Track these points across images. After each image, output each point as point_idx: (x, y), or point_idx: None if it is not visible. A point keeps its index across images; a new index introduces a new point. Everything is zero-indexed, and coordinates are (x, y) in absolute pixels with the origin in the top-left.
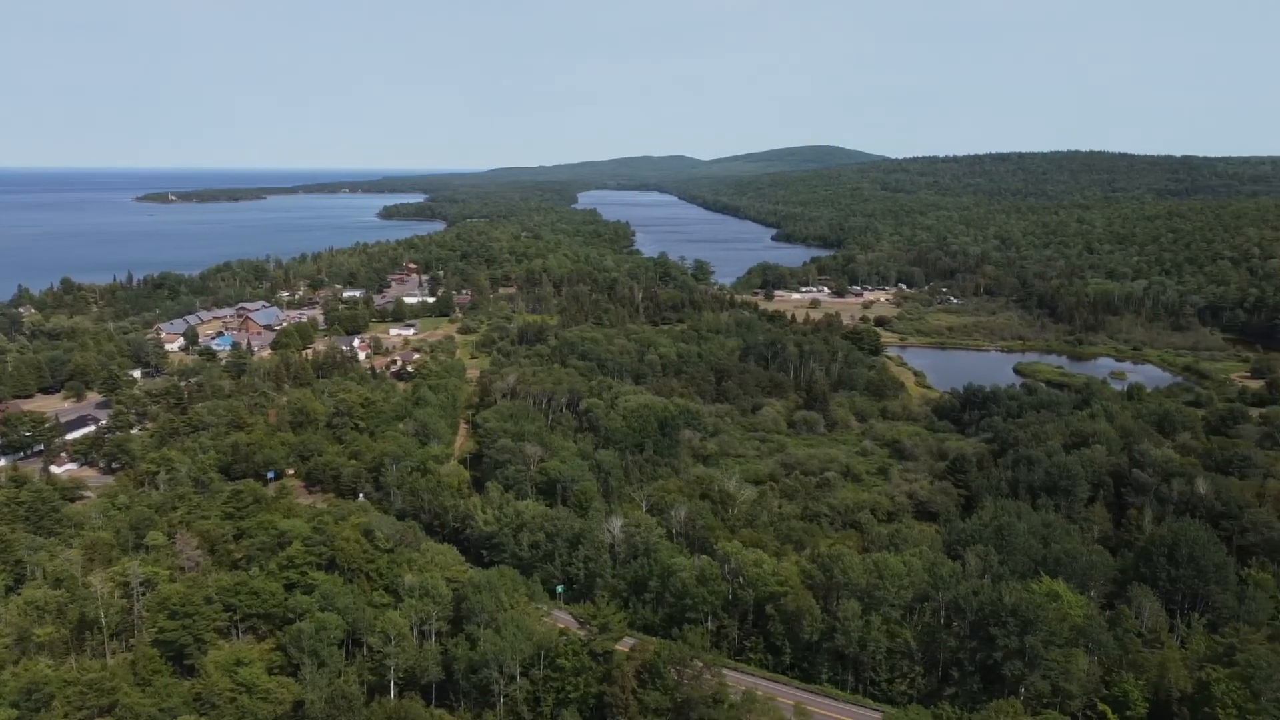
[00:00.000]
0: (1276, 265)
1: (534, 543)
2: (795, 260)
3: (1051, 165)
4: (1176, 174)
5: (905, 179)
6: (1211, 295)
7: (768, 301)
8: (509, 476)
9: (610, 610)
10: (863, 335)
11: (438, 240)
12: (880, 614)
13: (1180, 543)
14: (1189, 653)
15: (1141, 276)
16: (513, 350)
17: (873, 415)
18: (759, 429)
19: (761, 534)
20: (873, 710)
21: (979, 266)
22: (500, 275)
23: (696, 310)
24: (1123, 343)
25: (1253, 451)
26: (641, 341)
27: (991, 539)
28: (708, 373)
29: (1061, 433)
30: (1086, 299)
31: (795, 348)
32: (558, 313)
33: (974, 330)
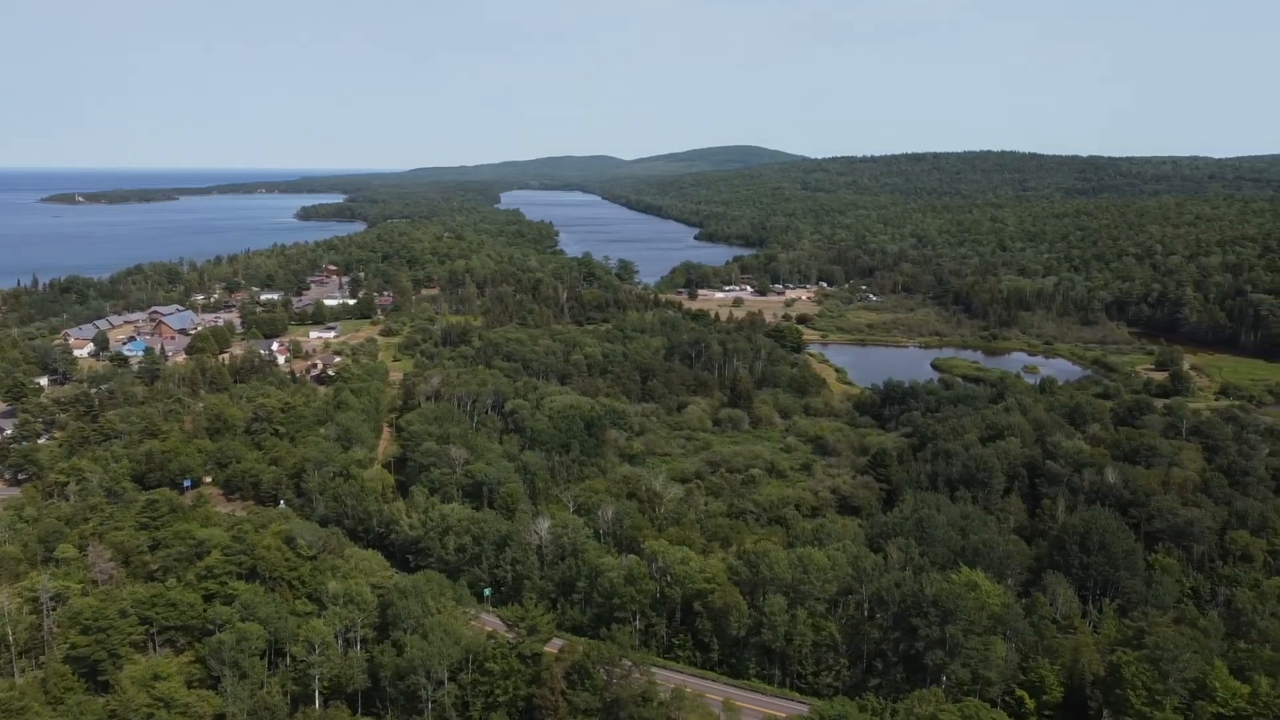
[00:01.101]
0: (1178, 261)
1: (460, 546)
2: (718, 259)
3: (965, 165)
4: (1084, 174)
5: (825, 179)
6: (1118, 291)
7: (691, 300)
8: (434, 480)
9: (538, 612)
10: (785, 333)
11: (358, 241)
12: (805, 608)
13: (1091, 531)
14: (1101, 637)
15: (1052, 273)
16: (436, 352)
17: (796, 412)
18: (684, 427)
19: (688, 532)
20: (799, 703)
21: (897, 264)
22: (423, 276)
23: (621, 310)
24: (1035, 338)
25: (1157, 441)
26: (566, 342)
27: (912, 531)
28: (633, 372)
29: (978, 426)
30: (1000, 295)
31: (719, 346)
32: (482, 314)
33: (893, 327)
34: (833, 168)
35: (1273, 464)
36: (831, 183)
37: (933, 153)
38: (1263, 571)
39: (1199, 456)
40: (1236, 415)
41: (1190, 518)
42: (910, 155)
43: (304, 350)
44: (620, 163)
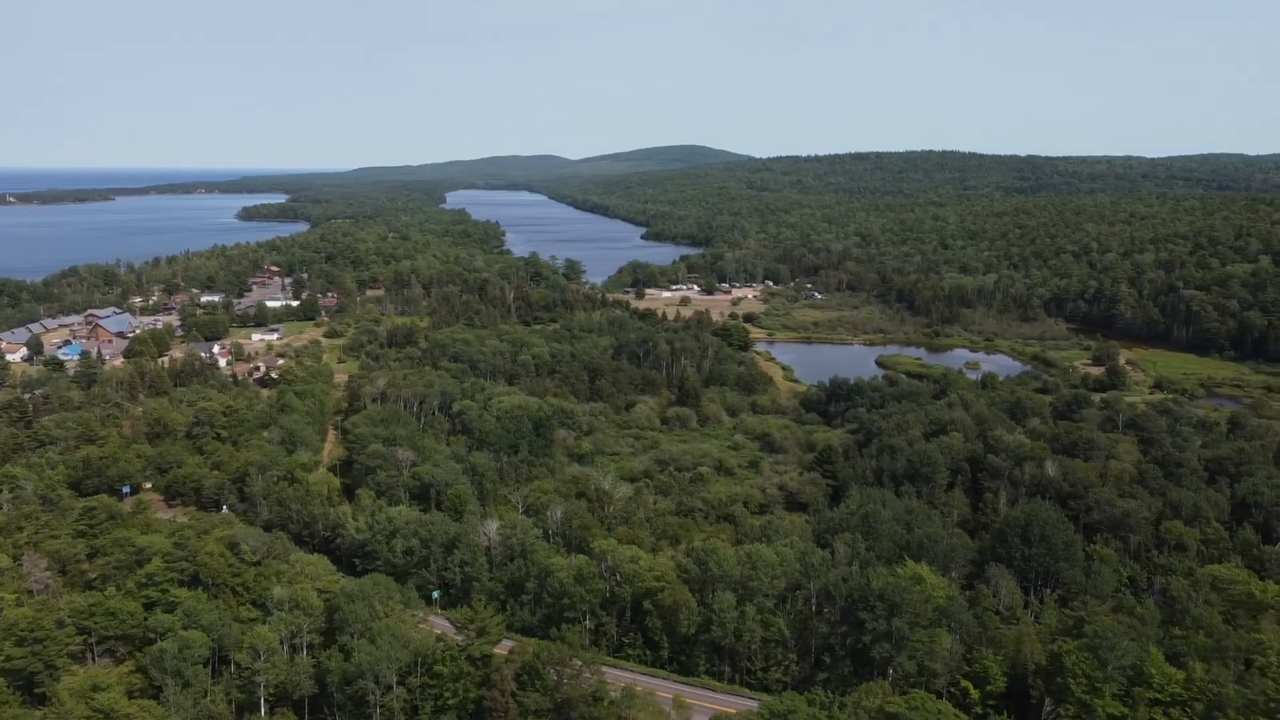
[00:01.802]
0: (1113, 259)
1: (408, 549)
2: (665, 259)
3: (907, 164)
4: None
5: (770, 178)
6: (1056, 287)
7: (639, 300)
8: (380, 482)
9: (487, 613)
10: (732, 332)
11: (301, 242)
12: (754, 604)
13: (1032, 523)
14: (1042, 627)
15: (992, 271)
16: (382, 353)
17: (743, 410)
18: (633, 426)
19: (637, 531)
20: (749, 699)
21: (841, 263)
22: (367, 277)
23: (568, 310)
24: (976, 334)
25: (1095, 435)
26: (514, 342)
27: (859, 526)
28: (581, 372)
29: (922, 422)
30: (942, 293)
31: (667, 345)
32: (428, 314)
33: (838, 325)
34: (778, 167)
35: (1205, 455)
36: (776, 182)
37: (875, 152)
38: (1196, 560)
39: (1135, 449)
40: (1170, 409)
41: (1127, 509)
42: (854, 155)
43: (246, 353)
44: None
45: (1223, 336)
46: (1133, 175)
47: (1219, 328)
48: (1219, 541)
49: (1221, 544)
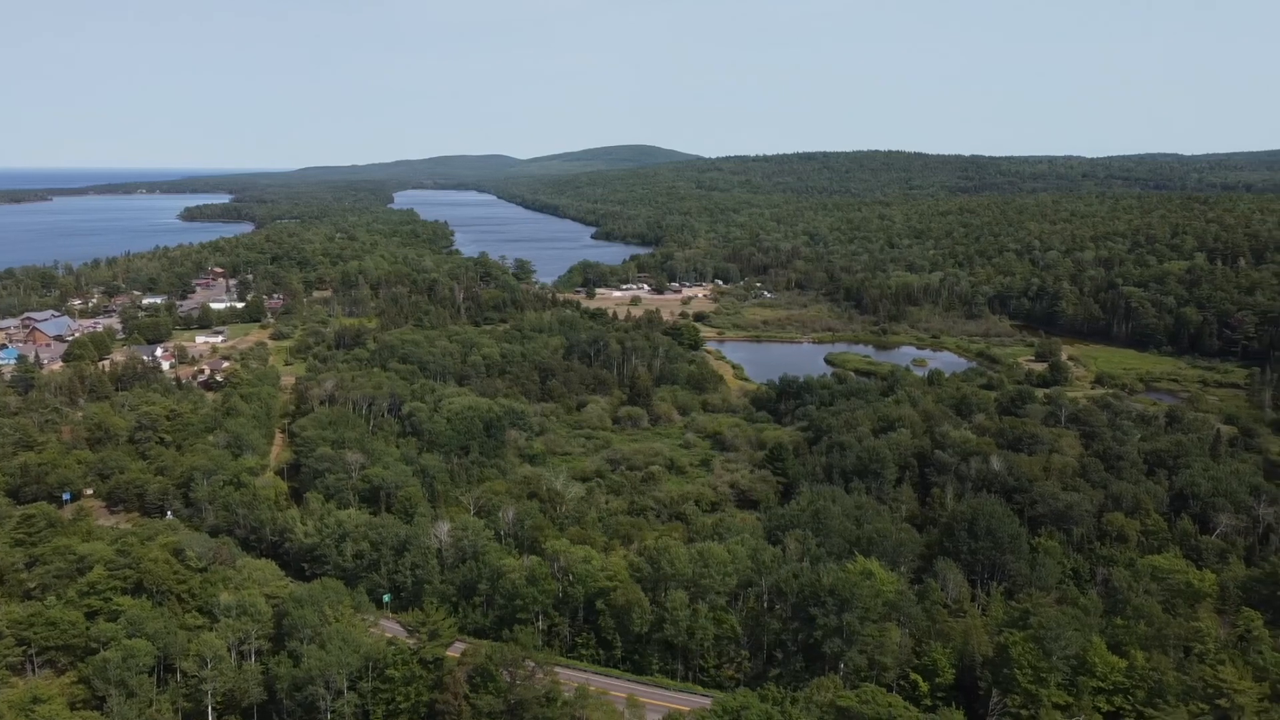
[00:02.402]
0: (1055, 256)
1: (358, 552)
2: (615, 258)
3: (854, 164)
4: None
5: (719, 177)
6: (1000, 285)
7: (589, 299)
8: (329, 485)
9: (439, 616)
10: (683, 331)
11: (246, 242)
12: (707, 602)
13: (979, 517)
14: (989, 619)
15: (938, 269)
16: (330, 355)
17: (694, 408)
18: (584, 426)
19: (590, 530)
20: (702, 696)
21: (790, 262)
22: (314, 278)
23: (519, 309)
24: (923, 331)
25: (1039, 429)
26: (464, 342)
27: (809, 523)
28: (532, 372)
29: (870, 419)
30: (889, 291)
31: (618, 345)
32: (376, 315)
33: (787, 323)
34: (726, 167)
35: (1144, 449)
36: (725, 182)
37: (823, 152)
38: (1137, 551)
39: (1077, 443)
40: (1110, 403)
41: (1070, 502)
42: (801, 155)
43: (190, 356)
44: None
45: (1160, 332)
46: (1073, 175)
47: (1157, 324)
48: (1158, 532)
49: (1160, 535)
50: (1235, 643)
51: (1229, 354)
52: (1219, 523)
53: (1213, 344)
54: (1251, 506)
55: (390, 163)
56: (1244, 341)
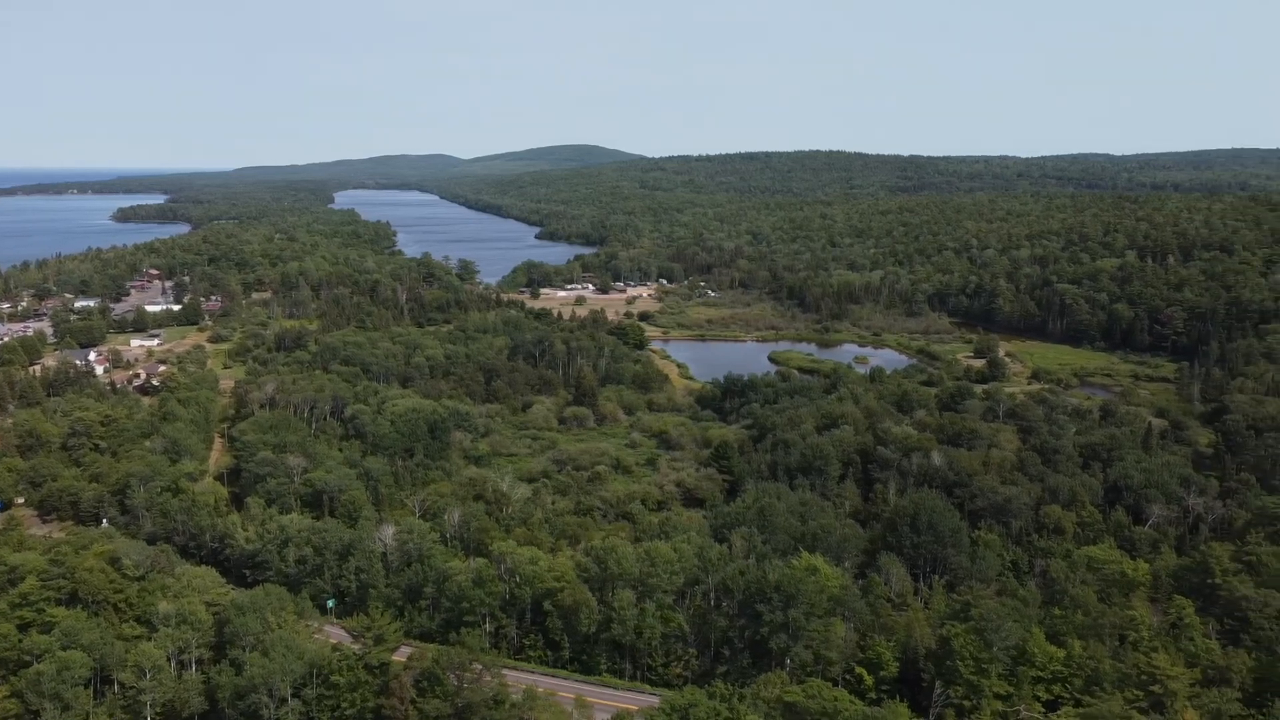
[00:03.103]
0: (992, 255)
1: (301, 557)
2: (559, 258)
3: (796, 164)
4: (905, 172)
5: (663, 177)
6: (939, 283)
7: (534, 300)
8: (271, 490)
9: (385, 620)
10: (627, 330)
11: (182, 244)
12: (654, 601)
13: (920, 512)
14: (931, 612)
15: (878, 267)
16: (270, 358)
17: (640, 408)
18: (530, 427)
19: (536, 532)
20: (650, 695)
21: (734, 261)
22: (253, 279)
23: (463, 310)
24: (864, 329)
25: (978, 425)
26: (407, 344)
27: (755, 520)
28: (476, 373)
29: (814, 416)
30: (831, 289)
31: (563, 345)
32: (318, 317)
33: (731, 322)
34: (670, 167)
35: (1079, 442)
36: (669, 181)
37: (765, 152)
38: (1073, 542)
39: (1015, 438)
40: (1047, 398)
41: (1009, 495)
42: (744, 155)
43: (125, 360)
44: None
45: (1094, 328)
46: (1009, 175)
47: (1090, 320)
48: (1093, 524)
49: (1096, 526)
50: (1168, 630)
51: (1159, 349)
52: (1151, 513)
53: (1144, 339)
54: (1182, 497)
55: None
56: (1173, 337)
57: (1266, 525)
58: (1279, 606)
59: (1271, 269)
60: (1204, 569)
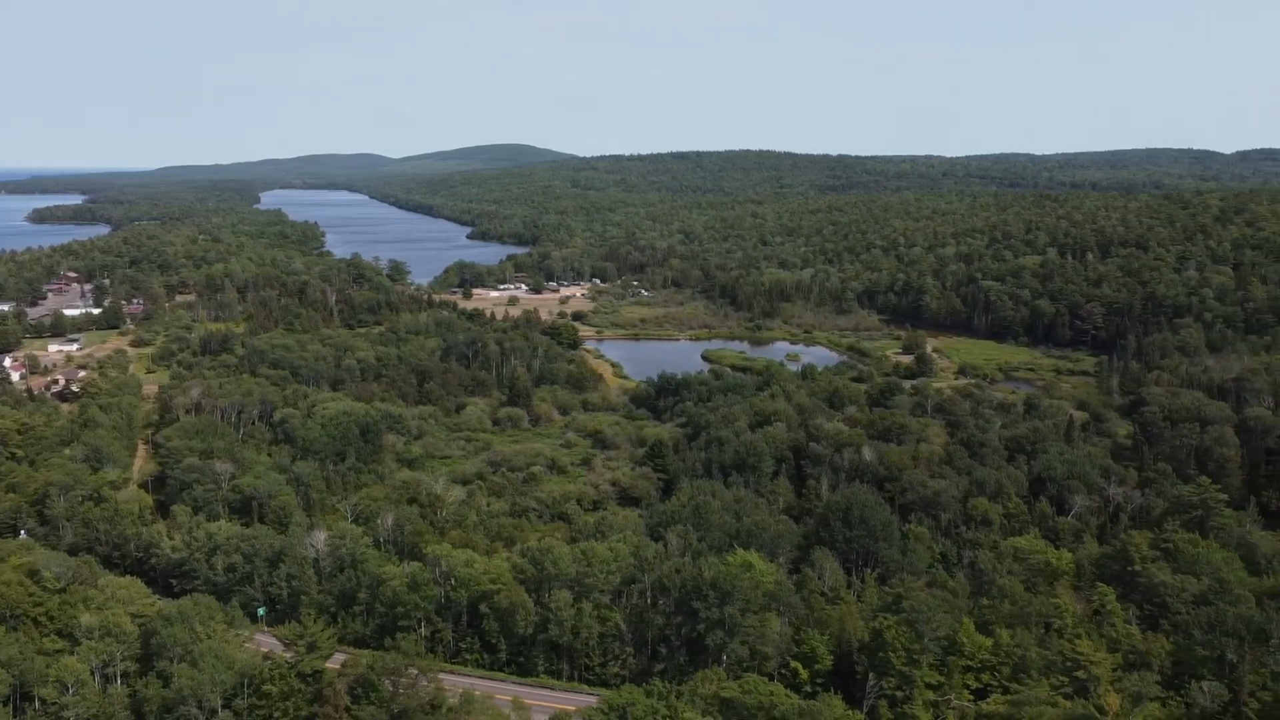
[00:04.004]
0: (918, 253)
1: (230, 565)
2: (492, 258)
3: (727, 163)
4: (834, 171)
5: (594, 177)
6: (868, 281)
7: (466, 300)
8: (198, 497)
9: (317, 628)
10: (561, 330)
11: (102, 245)
12: (590, 601)
13: (852, 507)
14: (864, 605)
15: (809, 265)
16: (195, 362)
17: (574, 408)
18: (464, 428)
19: (471, 534)
20: (588, 695)
21: (666, 260)
22: (177, 282)
23: (394, 311)
24: (795, 327)
25: (907, 420)
26: (337, 346)
27: (690, 518)
28: (409, 374)
29: (747, 414)
30: (763, 288)
31: (496, 345)
32: (244, 319)
33: (665, 321)
34: (602, 166)
35: (1004, 435)
36: (601, 181)
37: (696, 151)
38: (1000, 533)
39: (943, 432)
40: (973, 393)
41: (937, 489)
42: (675, 154)
43: (43, 365)
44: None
45: (1017, 324)
46: (934, 174)
47: (1014, 316)
48: (1019, 515)
49: (1021, 517)
50: (1090, 617)
51: (1080, 343)
52: (1074, 504)
53: (1065, 334)
54: (1102, 487)
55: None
56: (1093, 331)
57: (1182, 513)
58: (1195, 592)
59: (1184, 265)
60: (1124, 557)
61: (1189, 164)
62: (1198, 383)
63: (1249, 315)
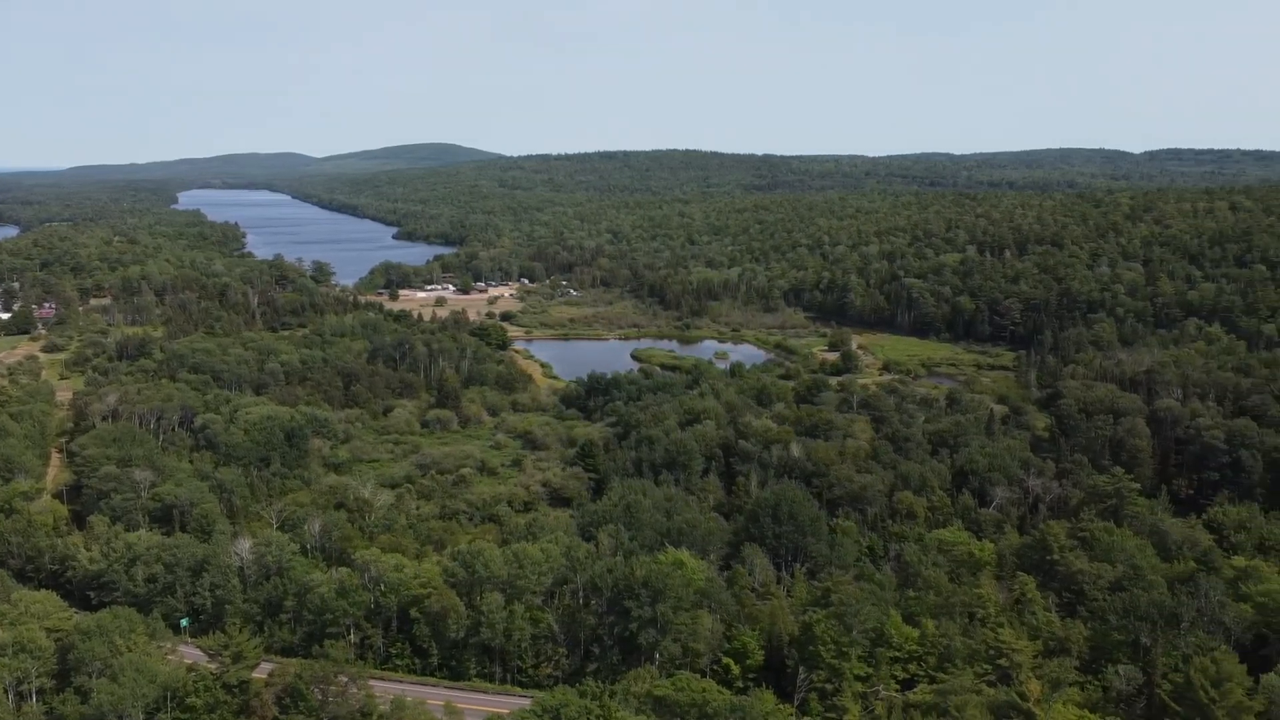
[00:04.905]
0: (843, 251)
1: (151, 576)
2: (418, 258)
3: (654, 163)
4: (760, 171)
5: (522, 176)
6: (794, 279)
7: (393, 301)
8: (116, 507)
9: (243, 637)
10: (490, 331)
11: (10, 248)
12: (523, 602)
13: (781, 503)
14: (794, 600)
15: (736, 264)
16: (111, 367)
17: (504, 409)
18: (392, 431)
19: (401, 538)
20: (521, 697)
21: (595, 259)
22: (91, 285)
23: (318, 313)
24: (723, 325)
25: (833, 416)
26: (260, 349)
27: (621, 517)
28: (334, 377)
29: (677, 412)
30: (691, 287)
31: (424, 347)
32: (163, 323)
33: (594, 320)
34: (529, 165)
35: (928, 430)
36: (528, 180)
37: (623, 151)
38: (924, 526)
39: (869, 427)
40: (897, 388)
41: (864, 483)
42: (602, 154)
43: None
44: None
45: (939, 320)
46: (857, 173)
47: (936, 312)
48: (943, 508)
49: (945, 510)
50: (1012, 606)
51: (999, 339)
52: (995, 495)
53: (985, 330)
54: (1022, 479)
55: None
56: (1011, 327)
57: (1097, 503)
58: (1110, 579)
59: (1097, 262)
60: (1043, 546)
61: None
62: (1111, 376)
63: (1158, 310)
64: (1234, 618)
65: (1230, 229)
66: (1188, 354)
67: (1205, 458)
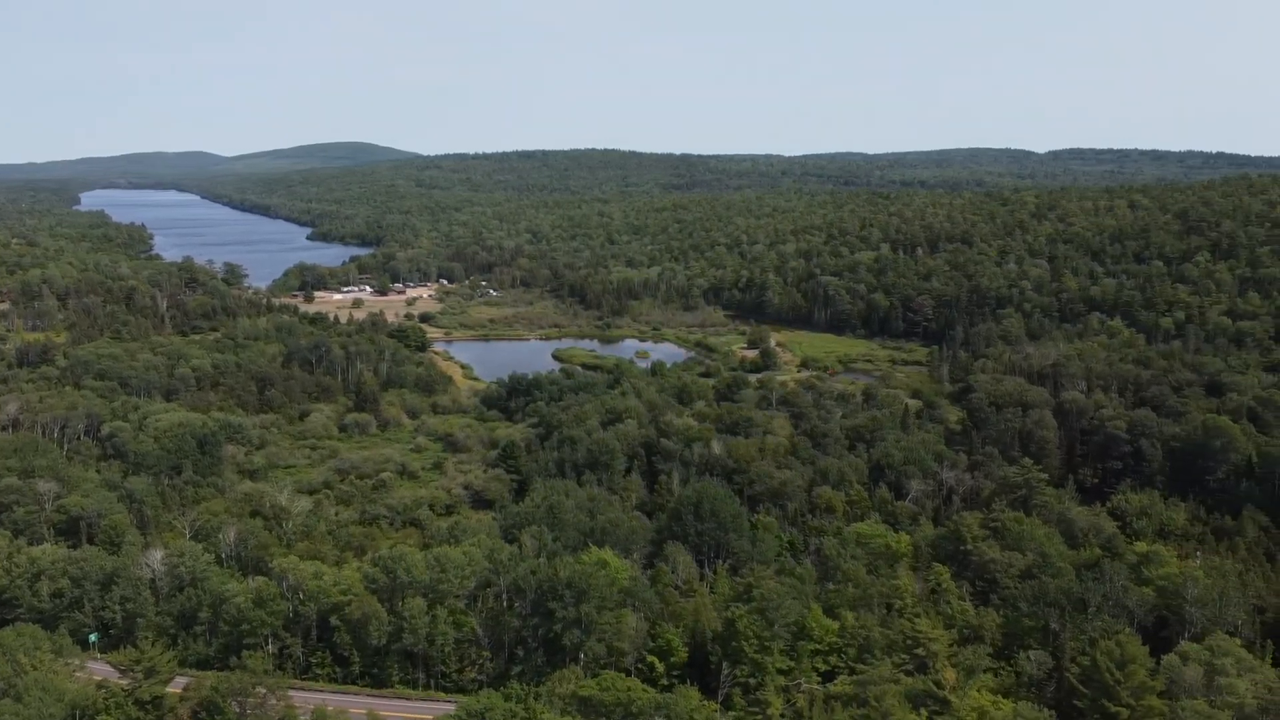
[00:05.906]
0: (761, 250)
1: (56, 591)
2: (334, 260)
3: (572, 162)
4: (678, 170)
5: (439, 175)
6: (713, 278)
7: (308, 303)
8: (18, 520)
9: (156, 651)
10: (408, 332)
11: None
12: (445, 607)
13: (703, 500)
14: (717, 596)
15: (656, 264)
16: (11, 375)
17: (424, 411)
18: (309, 436)
19: (320, 544)
20: (445, 702)
21: (514, 260)
22: None
23: (231, 317)
24: (644, 324)
25: (753, 413)
26: (170, 354)
27: (544, 519)
28: (248, 382)
29: (599, 412)
30: (611, 286)
31: (341, 349)
32: (66, 328)
33: (514, 321)
34: (446, 165)
35: (845, 425)
36: (446, 180)
37: (542, 150)
38: (843, 520)
39: (788, 424)
40: (815, 385)
41: (784, 479)
42: (520, 153)
43: None
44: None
45: (855, 317)
46: (774, 172)
47: (851, 309)
48: (860, 502)
49: (863, 504)
50: (928, 596)
51: (913, 334)
52: (910, 488)
53: (899, 326)
54: (936, 472)
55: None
56: (924, 323)
57: (1008, 493)
58: (1021, 567)
59: (1005, 259)
60: (957, 537)
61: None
62: (1019, 370)
63: (1063, 305)
64: (1137, 601)
65: (1129, 226)
66: (1091, 347)
67: (1109, 447)
